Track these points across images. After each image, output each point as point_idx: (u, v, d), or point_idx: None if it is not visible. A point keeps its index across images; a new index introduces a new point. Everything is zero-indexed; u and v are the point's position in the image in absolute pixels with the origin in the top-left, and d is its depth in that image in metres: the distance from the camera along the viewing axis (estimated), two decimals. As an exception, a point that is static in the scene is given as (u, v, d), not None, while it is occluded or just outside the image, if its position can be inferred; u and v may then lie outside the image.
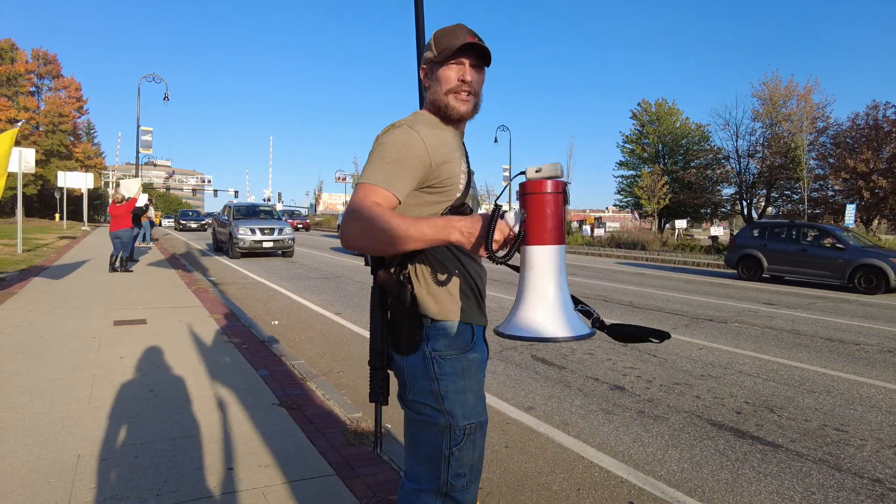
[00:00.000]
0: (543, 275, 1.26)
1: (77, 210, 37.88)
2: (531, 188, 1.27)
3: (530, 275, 1.26)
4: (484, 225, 1.28)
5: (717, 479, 3.14)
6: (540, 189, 1.26)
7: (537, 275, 1.26)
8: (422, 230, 1.30)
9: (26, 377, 4.25)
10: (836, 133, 32.32)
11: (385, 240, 1.31)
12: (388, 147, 1.45)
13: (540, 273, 1.26)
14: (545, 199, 1.26)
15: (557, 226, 1.26)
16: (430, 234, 1.30)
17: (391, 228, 1.30)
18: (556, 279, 1.26)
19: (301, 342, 6.18)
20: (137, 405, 3.72)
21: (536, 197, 1.26)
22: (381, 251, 1.39)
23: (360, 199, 1.39)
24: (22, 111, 42.27)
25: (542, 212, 1.26)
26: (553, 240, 1.26)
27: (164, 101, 28.79)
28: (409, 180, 1.45)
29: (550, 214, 1.26)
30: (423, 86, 1.64)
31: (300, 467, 2.91)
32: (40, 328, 5.93)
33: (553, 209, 1.26)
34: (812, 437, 3.77)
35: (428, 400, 1.51)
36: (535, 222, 1.26)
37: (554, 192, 1.26)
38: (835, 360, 5.87)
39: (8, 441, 3.11)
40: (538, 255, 1.26)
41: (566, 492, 2.97)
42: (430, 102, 1.60)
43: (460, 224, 1.30)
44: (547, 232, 1.26)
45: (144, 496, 2.56)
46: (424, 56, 1.62)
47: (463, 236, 1.30)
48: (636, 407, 4.29)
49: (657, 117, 44.37)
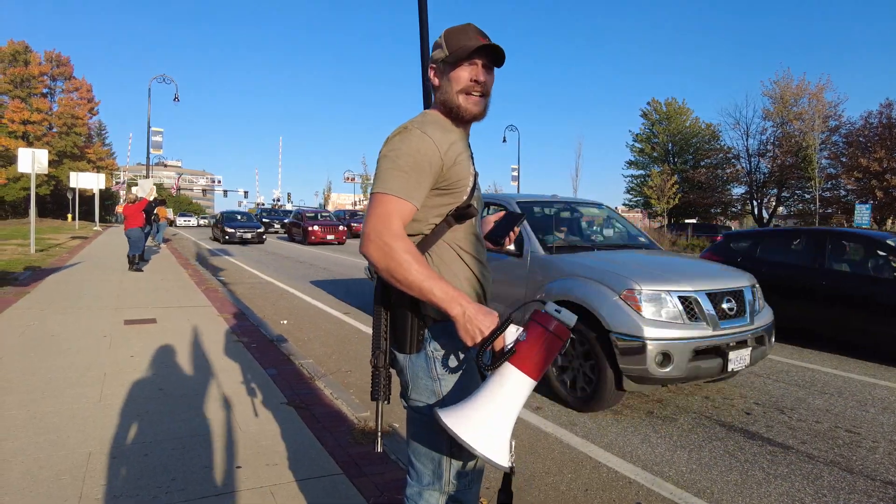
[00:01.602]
0: (510, 398, 1.30)
1: (89, 210, 38.25)
2: (544, 321, 1.33)
3: (498, 391, 1.30)
4: (492, 329, 1.34)
5: (726, 480, 3.12)
6: (549, 326, 1.32)
7: (506, 395, 1.30)
8: (433, 292, 1.36)
9: (38, 375, 4.29)
10: (848, 132, 32.01)
11: (397, 279, 1.38)
12: (404, 154, 1.45)
13: (509, 395, 1.30)
14: (549, 338, 1.32)
15: (544, 365, 1.32)
16: (437, 298, 1.36)
17: (407, 276, 1.36)
18: (516, 406, 1.31)
19: (309, 341, 6.21)
20: (147, 404, 3.75)
21: (544, 331, 1.32)
22: (390, 281, 1.42)
23: (383, 222, 1.40)
24: (35, 113, 42.79)
25: (541, 346, 1.31)
26: (535, 374, 1.31)
27: (174, 101, 29.06)
28: (425, 187, 1.47)
29: (547, 353, 1.32)
30: (432, 85, 1.62)
31: (308, 466, 2.92)
32: (52, 327, 5.99)
33: (550, 350, 1.32)
34: (823, 439, 3.73)
35: (430, 399, 1.52)
36: (532, 351, 1.31)
37: (557, 337, 1.32)
38: (847, 361, 5.80)
39: (20, 438, 3.14)
40: (517, 380, 1.30)
41: (574, 492, 2.96)
42: (440, 102, 1.59)
43: (469, 307, 1.36)
44: (535, 365, 1.31)
45: (154, 494, 2.58)
46: (434, 55, 1.60)
47: (463, 318, 1.35)
48: (645, 407, 4.26)
49: (667, 116, 44.16)
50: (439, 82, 1.59)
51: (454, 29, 1.58)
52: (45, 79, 45.38)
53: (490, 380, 1.33)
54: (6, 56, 43.66)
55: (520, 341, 1.32)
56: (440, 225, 1.54)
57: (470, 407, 1.31)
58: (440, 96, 1.59)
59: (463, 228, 1.57)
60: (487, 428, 1.28)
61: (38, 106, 43.41)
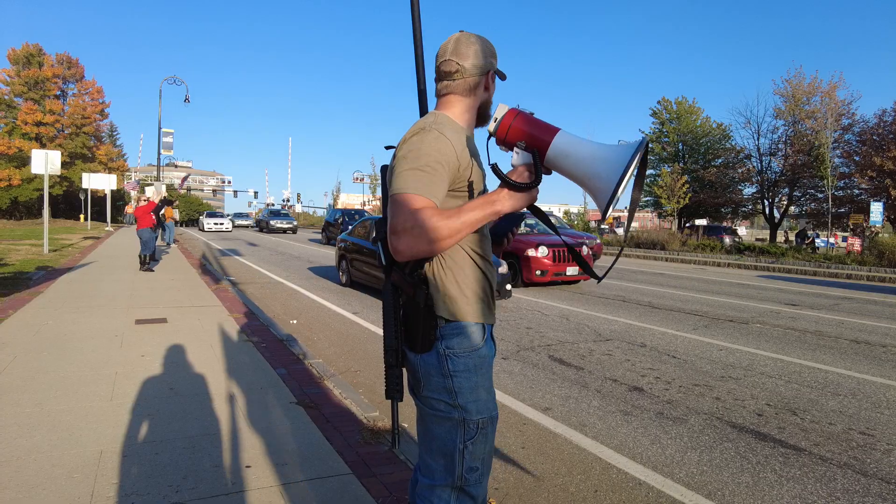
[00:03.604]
0: (580, 147, 1.44)
1: (101, 211, 38.64)
2: (506, 123, 1.50)
3: (571, 160, 1.45)
4: (523, 172, 1.48)
5: (738, 482, 3.09)
6: (511, 121, 1.49)
7: (578, 149, 1.44)
8: (477, 219, 1.43)
9: (51, 374, 4.34)
10: (862, 130, 31.62)
11: (441, 237, 1.39)
12: (423, 154, 1.46)
13: (577, 147, 1.44)
14: (522, 118, 1.49)
15: (544, 124, 1.49)
16: (480, 215, 1.44)
17: (442, 226, 1.39)
18: (583, 142, 1.46)
19: (319, 341, 6.23)
20: (158, 403, 3.77)
21: (515, 124, 1.49)
22: (441, 249, 1.43)
23: (410, 215, 1.40)
24: (48, 114, 43.24)
25: (529, 125, 1.49)
26: (553, 131, 1.48)
27: (184, 103, 29.27)
28: (445, 186, 1.49)
29: (529, 122, 1.49)
30: (484, 88, 1.66)
31: (317, 466, 2.93)
32: (65, 326, 6.05)
33: (529, 119, 1.50)
34: (836, 441, 3.69)
35: (442, 396, 1.53)
36: (535, 131, 1.47)
37: (518, 113, 1.50)
38: (860, 363, 5.74)
39: (34, 436, 3.18)
40: (562, 142, 1.45)
41: (583, 493, 2.94)
42: (479, 106, 1.67)
43: (497, 196, 1.46)
44: (546, 130, 1.48)
45: (164, 492, 2.60)
46: (489, 61, 1.64)
47: (509, 200, 1.45)
48: (655, 408, 4.24)
49: (677, 115, 43.80)
50: (490, 88, 1.68)
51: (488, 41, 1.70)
52: (58, 81, 45.84)
53: (564, 164, 1.46)
54: (20, 58, 44.17)
55: (525, 148, 1.48)
56: None
57: (597, 175, 1.41)
58: (482, 99, 1.67)
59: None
60: (606, 166, 1.40)
61: (50, 108, 43.86)
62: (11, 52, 44.39)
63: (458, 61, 1.60)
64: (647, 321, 7.77)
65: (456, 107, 1.62)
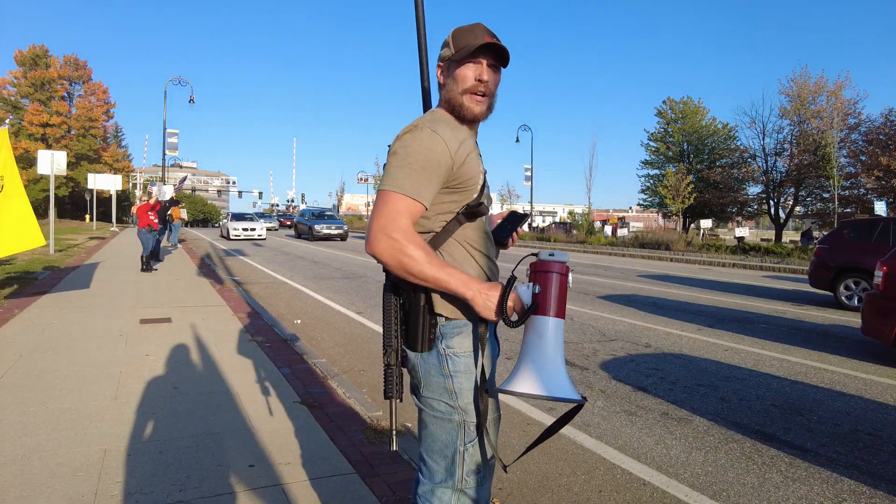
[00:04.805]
0: (552, 343, 1.41)
1: (106, 211, 38.80)
2: (547, 267, 1.43)
3: (539, 342, 1.41)
4: (501, 293, 1.41)
5: (743, 483, 3.07)
6: (553, 269, 1.42)
7: (547, 342, 1.41)
8: (448, 282, 1.39)
9: (56, 373, 4.36)
10: (868, 129, 31.44)
11: (413, 273, 1.39)
12: (414, 152, 1.44)
13: (550, 341, 1.41)
14: (558, 278, 1.42)
15: (563, 302, 1.43)
16: (453, 286, 1.40)
17: (423, 269, 1.38)
18: (559, 347, 1.42)
19: (323, 341, 6.23)
20: (162, 402, 3.78)
21: (552, 274, 1.42)
22: (400, 275, 1.42)
23: (391, 219, 1.39)
24: (55, 116, 43.47)
25: (555, 288, 1.42)
26: (562, 313, 1.43)
27: (189, 103, 29.36)
28: (435, 187, 1.46)
29: (560, 292, 1.42)
30: (438, 83, 1.62)
31: (321, 465, 2.93)
32: (70, 326, 6.08)
33: (562, 288, 1.43)
34: (843, 442, 3.66)
35: (443, 396, 1.51)
36: (549, 297, 1.42)
37: (563, 275, 1.43)
38: (868, 363, 5.70)
39: (38, 435, 3.19)
40: (548, 325, 1.41)
41: (587, 493, 2.93)
42: (444, 101, 1.60)
43: (480, 286, 1.41)
44: (558, 305, 1.42)
45: (168, 491, 2.60)
46: (441, 54, 1.61)
47: (479, 296, 1.40)
48: (659, 409, 4.22)
49: (682, 115, 43.72)
50: (444, 81, 1.60)
51: (462, 28, 1.57)
52: (65, 82, 46.08)
53: (529, 339, 1.43)
54: (27, 60, 44.42)
55: (536, 294, 1.41)
56: (451, 223, 1.53)
57: (525, 367, 1.41)
58: (445, 94, 1.59)
59: (473, 226, 1.57)
60: (548, 376, 1.39)
61: (57, 109, 44.10)
62: (18, 54, 44.68)
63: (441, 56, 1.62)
64: (652, 321, 7.75)
65: (445, 103, 1.60)
